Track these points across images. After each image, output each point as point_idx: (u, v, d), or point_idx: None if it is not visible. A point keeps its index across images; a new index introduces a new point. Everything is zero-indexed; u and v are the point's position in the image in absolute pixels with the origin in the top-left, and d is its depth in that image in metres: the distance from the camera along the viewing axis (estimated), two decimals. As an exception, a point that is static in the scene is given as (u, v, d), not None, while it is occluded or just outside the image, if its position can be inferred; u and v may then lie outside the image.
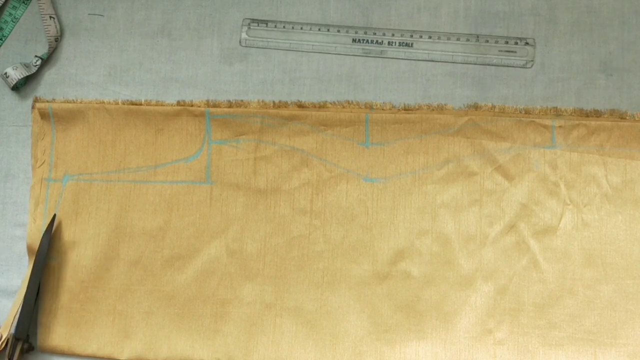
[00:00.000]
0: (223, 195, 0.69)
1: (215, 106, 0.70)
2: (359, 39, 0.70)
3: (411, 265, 0.66)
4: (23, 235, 0.72)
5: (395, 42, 0.69)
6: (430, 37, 0.69)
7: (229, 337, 0.67)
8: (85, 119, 0.71)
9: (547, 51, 0.68)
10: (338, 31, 0.70)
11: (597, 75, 0.67)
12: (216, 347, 0.67)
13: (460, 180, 0.67)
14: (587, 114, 0.66)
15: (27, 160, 0.73)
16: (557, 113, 0.66)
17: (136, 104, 0.71)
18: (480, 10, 0.69)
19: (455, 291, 0.66)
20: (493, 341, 0.65)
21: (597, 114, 0.66)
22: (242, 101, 0.70)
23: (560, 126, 0.66)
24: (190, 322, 0.68)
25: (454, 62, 0.68)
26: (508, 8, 0.68)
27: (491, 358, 0.64)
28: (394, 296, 0.66)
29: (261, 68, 0.71)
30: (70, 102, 0.72)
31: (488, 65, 0.68)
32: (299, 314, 0.67)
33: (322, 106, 0.69)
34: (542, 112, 0.66)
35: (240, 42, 0.71)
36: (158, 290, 0.69)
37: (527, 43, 0.68)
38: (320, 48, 0.70)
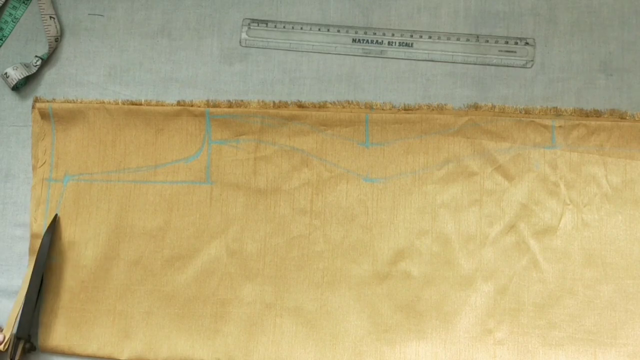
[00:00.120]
0: (223, 195, 0.69)
1: (215, 106, 0.70)
2: (359, 39, 0.70)
3: (411, 265, 0.66)
4: (23, 235, 0.72)
5: (395, 42, 0.69)
6: (430, 37, 0.69)
7: (229, 337, 0.67)
8: (85, 119, 0.71)
9: (547, 51, 0.68)
10: (338, 31, 0.70)
11: (597, 75, 0.67)
12: (216, 347, 0.67)
13: (460, 180, 0.67)
14: (587, 114, 0.66)
15: (28, 160, 0.73)
16: (557, 113, 0.66)
17: (136, 104, 0.71)
18: (480, 10, 0.69)
19: (455, 291, 0.66)
20: (493, 341, 0.65)
21: (597, 114, 0.66)
22: (242, 101, 0.70)
23: (560, 126, 0.66)
24: (190, 322, 0.68)
25: (454, 62, 0.68)
26: (508, 8, 0.68)
27: (491, 358, 0.64)
28: (394, 296, 0.66)
29: (261, 68, 0.71)
30: (70, 102, 0.72)
31: (488, 65, 0.68)
32: (299, 314, 0.67)
33: (322, 106, 0.69)
34: (542, 112, 0.66)
35: (240, 42, 0.71)
36: (158, 290, 0.69)
37: (527, 43, 0.68)
38: (320, 48, 0.70)
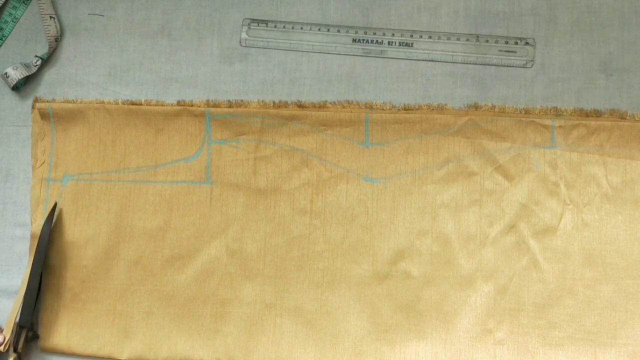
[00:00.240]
0: (223, 195, 0.69)
1: (215, 106, 0.70)
2: (359, 39, 0.70)
3: (411, 265, 0.66)
4: (23, 235, 0.72)
5: (395, 42, 0.69)
6: (430, 37, 0.69)
7: (229, 337, 0.67)
8: (85, 119, 0.71)
9: (547, 51, 0.68)
10: (338, 31, 0.70)
11: (597, 75, 0.67)
12: (216, 347, 0.67)
13: (460, 180, 0.67)
14: (587, 114, 0.66)
15: (27, 160, 0.73)
16: (557, 113, 0.66)
17: (136, 104, 0.71)
18: (480, 10, 0.69)
19: (455, 291, 0.66)
20: (493, 341, 0.65)
21: (597, 114, 0.66)
22: (242, 101, 0.70)
23: (560, 126, 0.66)
24: (190, 322, 0.68)
25: (454, 62, 0.68)
26: (508, 8, 0.68)
27: (491, 358, 0.64)
28: (394, 296, 0.66)
29: (261, 68, 0.71)
30: (70, 102, 0.72)
31: (488, 65, 0.68)
32: (299, 314, 0.67)
33: (322, 106, 0.69)
34: (542, 112, 0.66)
35: (240, 42, 0.71)
36: (158, 290, 0.69)
37: (527, 43, 0.68)
38: (320, 48, 0.70)
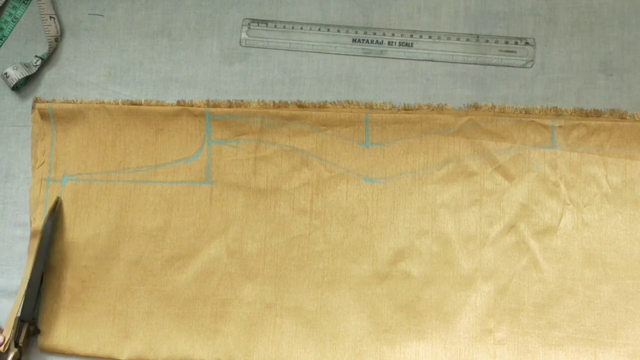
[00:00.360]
0: (223, 195, 0.69)
1: (215, 106, 0.70)
2: (359, 39, 0.70)
3: (411, 265, 0.66)
4: (23, 235, 0.72)
5: (395, 42, 0.69)
6: (430, 37, 0.69)
7: (229, 337, 0.67)
8: (85, 119, 0.71)
9: (547, 51, 0.68)
10: (338, 31, 0.70)
11: (597, 75, 0.67)
12: (216, 347, 0.67)
13: (460, 180, 0.67)
14: (587, 114, 0.66)
15: (27, 160, 0.73)
16: (557, 113, 0.66)
17: (136, 104, 0.71)
18: (480, 10, 0.69)
19: (455, 291, 0.66)
20: (493, 341, 0.65)
21: (597, 114, 0.66)
22: (242, 101, 0.70)
23: (560, 126, 0.66)
24: (190, 322, 0.68)
25: (454, 62, 0.68)
26: (508, 8, 0.68)
27: (491, 358, 0.64)
28: (394, 296, 0.66)
29: (261, 68, 0.71)
30: (70, 102, 0.72)
31: (488, 65, 0.68)
32: (299, 314, 0.67)
33: (322, 106, 0.69)
34: (542, 112, 0.66)
35: (240, 42, 0.71)
36: (158, 290, 0.69)
37: (527, 43, 0.68)
38: (320, 48, 0.70)
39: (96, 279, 0.69)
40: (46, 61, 0.73)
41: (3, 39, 0.74)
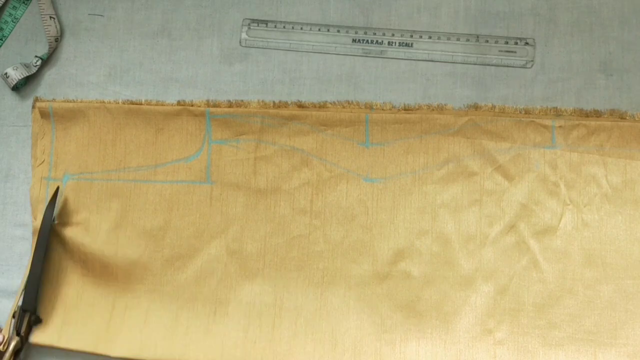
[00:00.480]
0: (223, 195, 0.69)
1: (215, 106, 0.70)
2: (359, 39, 0.70)
3: (411, 265, 0.66)
4: (23, 235, 0.72)
5: (395, 42, 0.69)
6: (430, 37, 0.69)
7: (228, 337, 0.67)
8: (85, 118, 0.71)
9: (547, 51, 0.68)
10: (338, 31, 0.70)
11: (597, 75, 0.67)
12: (215, 347, 0.67)
13: (460, 180, 0.67)
14: (587, 114, 0.66)
15: (27, 160, 0.73)
16: (557, 113, 0.66)
17: (136, 104, 0.71)
18: (480, 10, 0.69)
19: (455, 291, 0.65)
20: (493, 341, 0.65)
21: (597, 114, 0.66)
22: (242, 101, 0.70)
23: (560, 126, 0.66)
24: (189, 322, 0.68)
25: (454, 62, 0.68)
26: (508, 8, 0.68)
27: (491, 358, 0.64)
28: (394, 296, 0.66)
29: (261, 68, 0.71)
30: (70, 102, 0.72)
31: (488, 65, 0.68)
32: (299, 314, 0.67)
33: (322, 106, 0.69)
34: (542, 112, 0.66)
35: (240, 42, 0.71)
36: (158, 289, 0.69)
37: (527, 43, 0.68)
38: (320, 48, 0.70)
39: (96, 278, 0.69)
40: (46, 61, 0.73)
41: (3, 39, 0.74)
